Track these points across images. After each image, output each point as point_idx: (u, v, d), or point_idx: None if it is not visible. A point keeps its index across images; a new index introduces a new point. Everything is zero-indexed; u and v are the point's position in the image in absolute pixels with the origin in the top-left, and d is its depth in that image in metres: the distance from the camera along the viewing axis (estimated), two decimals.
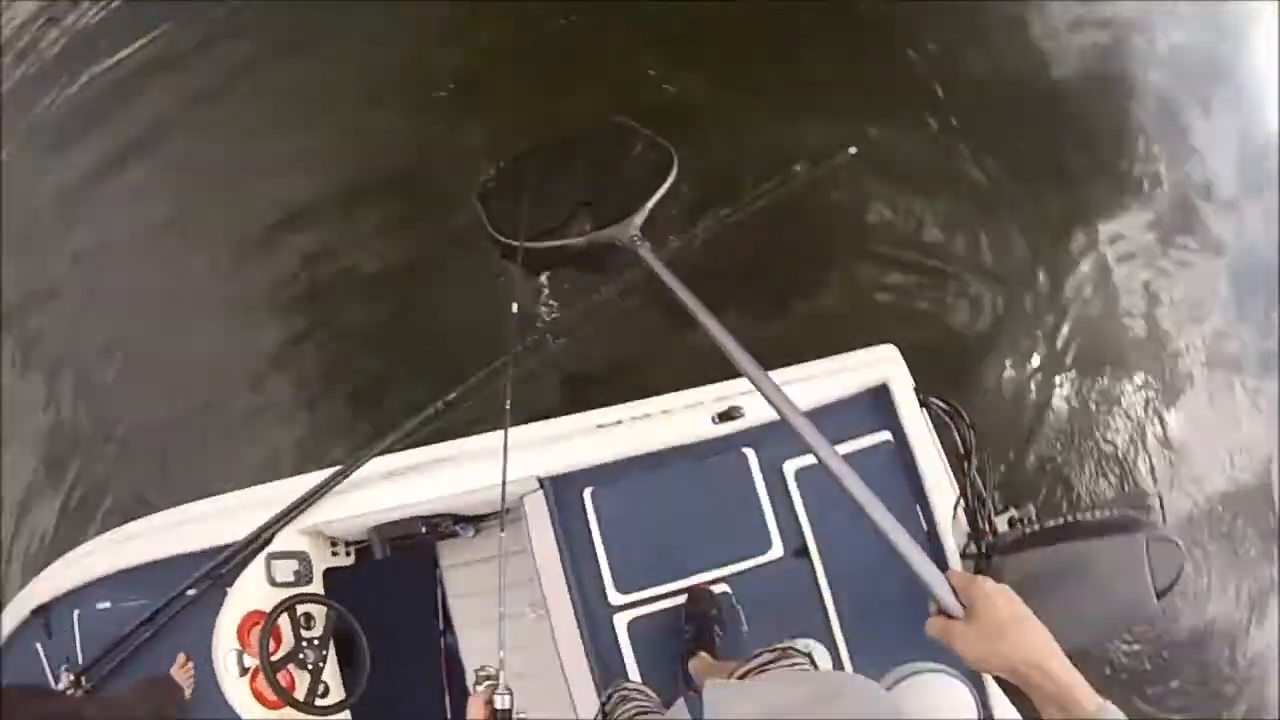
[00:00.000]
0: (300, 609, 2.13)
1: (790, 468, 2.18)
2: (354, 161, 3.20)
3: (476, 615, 2.35)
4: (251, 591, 2.05)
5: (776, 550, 2.15)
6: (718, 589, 2.11)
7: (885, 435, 2.24)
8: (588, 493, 2.11)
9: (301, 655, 2.11)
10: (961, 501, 2.24)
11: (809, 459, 2.20)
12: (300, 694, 2.04)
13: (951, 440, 2.28)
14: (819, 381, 2.22)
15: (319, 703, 2.09)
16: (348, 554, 2.35)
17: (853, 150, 2.94)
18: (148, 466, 2.93)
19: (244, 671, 1.98)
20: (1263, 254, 4.01)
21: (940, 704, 1.71)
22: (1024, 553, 2.10)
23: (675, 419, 2.15)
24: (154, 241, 3.15)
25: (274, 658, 2.00)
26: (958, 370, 3.35)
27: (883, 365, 2.27)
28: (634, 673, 2.06)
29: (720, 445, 2.16)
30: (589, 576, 2.08)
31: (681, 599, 2.10)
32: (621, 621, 2.08)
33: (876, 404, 2.26)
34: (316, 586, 2.20)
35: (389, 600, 2.33)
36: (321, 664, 2.15)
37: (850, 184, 3.22)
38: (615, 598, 2.08)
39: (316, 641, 2.16)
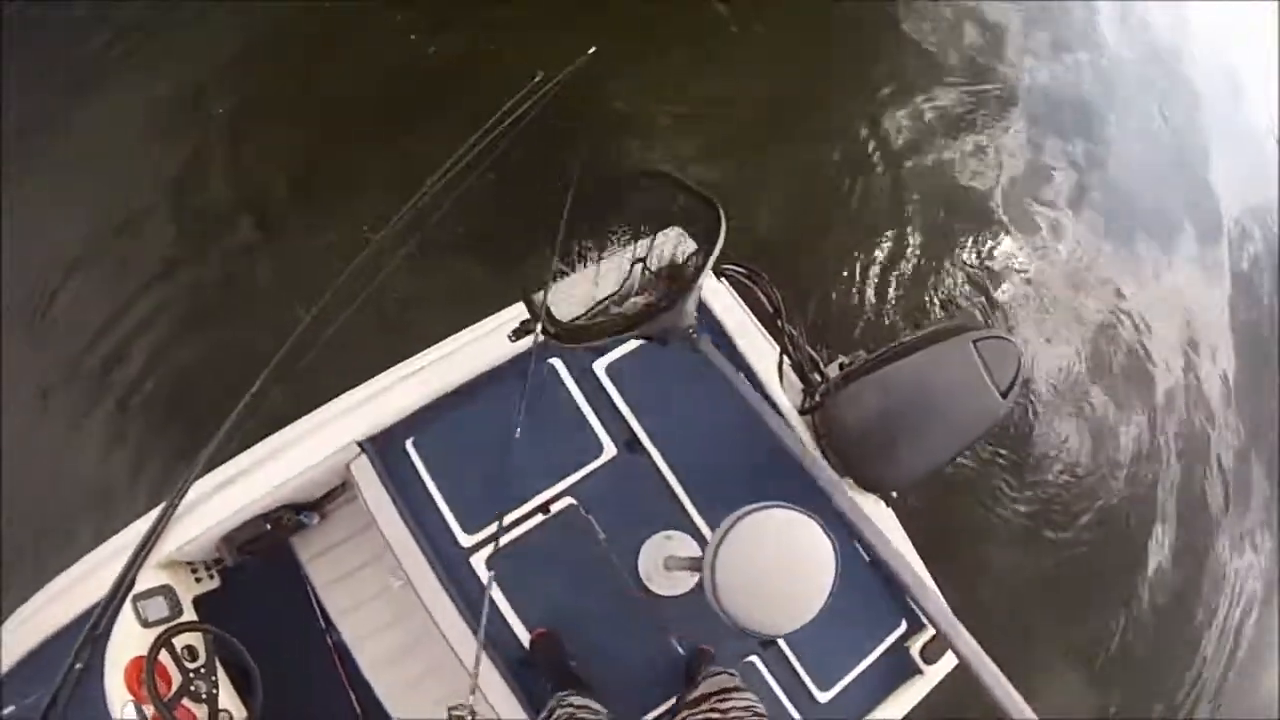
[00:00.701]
0: (179, 643, 2.08)
1: (600, 366, 2.19)
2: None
3: (349, 599, 2.33)
4: (128, 639, 1.99)
5: (609, 450, 2.16)
6: (561, 504, 2.12)
7: None
8: (409, 443, 2.09)
9: (193, 688, 2.06)
10: (785, 359, 2.26)
11: (616, 354, 2.21)
12: None
13: (757, 301, 2.31)
14: (608, 273, 2.21)
15: None
16: (211, 577, 2.31)
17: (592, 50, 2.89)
18: None
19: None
20: None
21: (793, 535, 1.67)
22: (853, 384, 2.13)
23: (475, 348, 2.14)
24: None
25: (167, 698, 1.96)
26: None
27: (667, 245, 2.27)
28: (505, 607, 2.06)
29: (525, 362, 2.15)
30: (434, 526, 2.07)
31: (534, 520, 2.10)
32: (479, 561, 2.07)
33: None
34: (189, 617, 2.17)
35: (263, 609, 2.30)
36: (215, 691, 2.10)
37: None
38: (465, 539, 2.07)
39: (203, 669, 2.11)
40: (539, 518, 2.10)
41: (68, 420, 3.07)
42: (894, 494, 2.24)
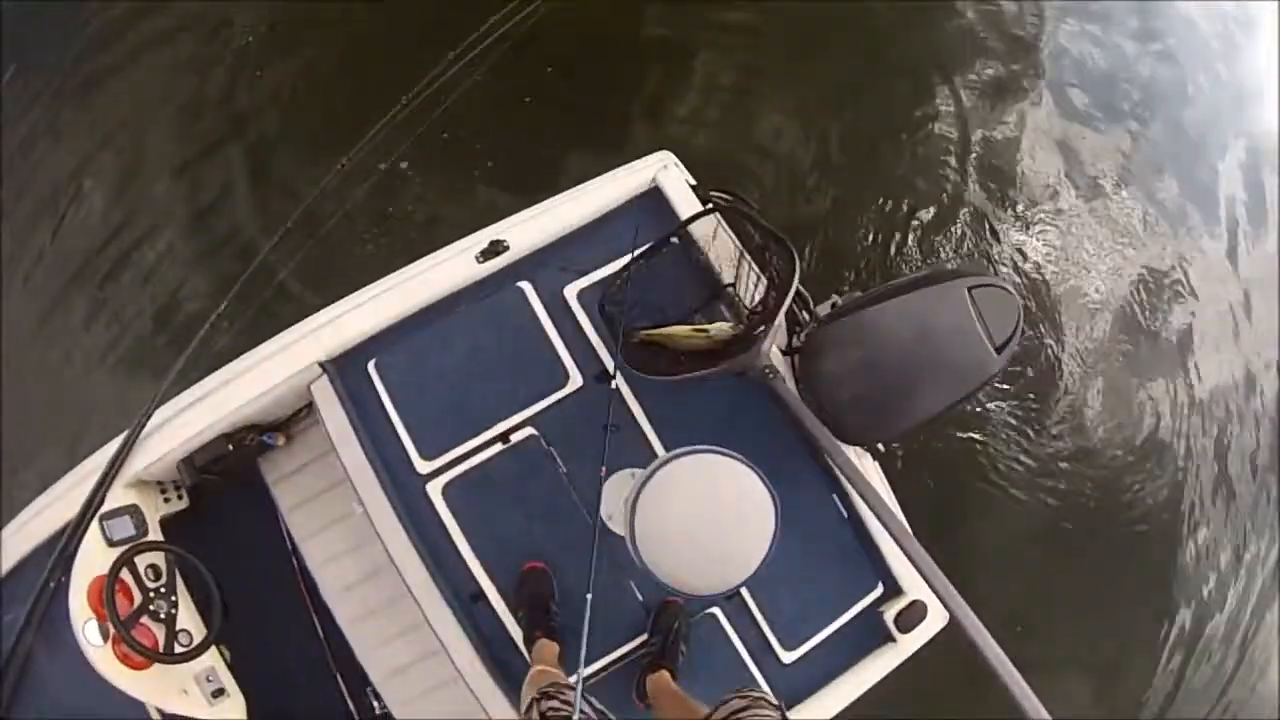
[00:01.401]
0: (142, 562, 2.08)
1: (571, 293, 2.09)
2: None
3: (315, 523, 2.30)
4: (94, 557, 2.00)
5: (576, 380, 2.07)
6: (521, 435, 2.04)
7: (670, 240, 2.13)
8: (371, 365, 2.03)
9: (152, 607, 2.06)
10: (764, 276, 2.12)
11: (588, 280, 2.11)
12: (161, 646, 2.01)
13: (744, 230, 2.16)
14: (585, 195, 2.11)
15: (179, 649, 2.06)
16: (180, 498, 2.30)
17: None
18: None
19: (106, 638, 1.95)
20: None
21: (727, 484, 1.56)
22: (834, 324, 1.99)
23: (442, 268, 2.06)
24: None
25: (125, 617, 1.96)
26: None
27: (651, 168, 2.15)
28: (459, 539, 2.00)
29: (493, 285, 2.07)
30: (392, 452, 2.02)
31: (493, 449, 2.03)
32: (435, 489, 2.02)
33: (655, 209, 2.15)
34: (155, 537, 2.17)
35: (231, 531, 2.30)
36: (174, 611, 2.11)
37: None
38: (422, 465, 2.02)
39: (164, 589, 2.12)
40: (498, 447, 2.03)
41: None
42: (877, 446, 2.11)
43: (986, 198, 3.99)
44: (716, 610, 2.07)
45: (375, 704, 2.27)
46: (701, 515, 1.48)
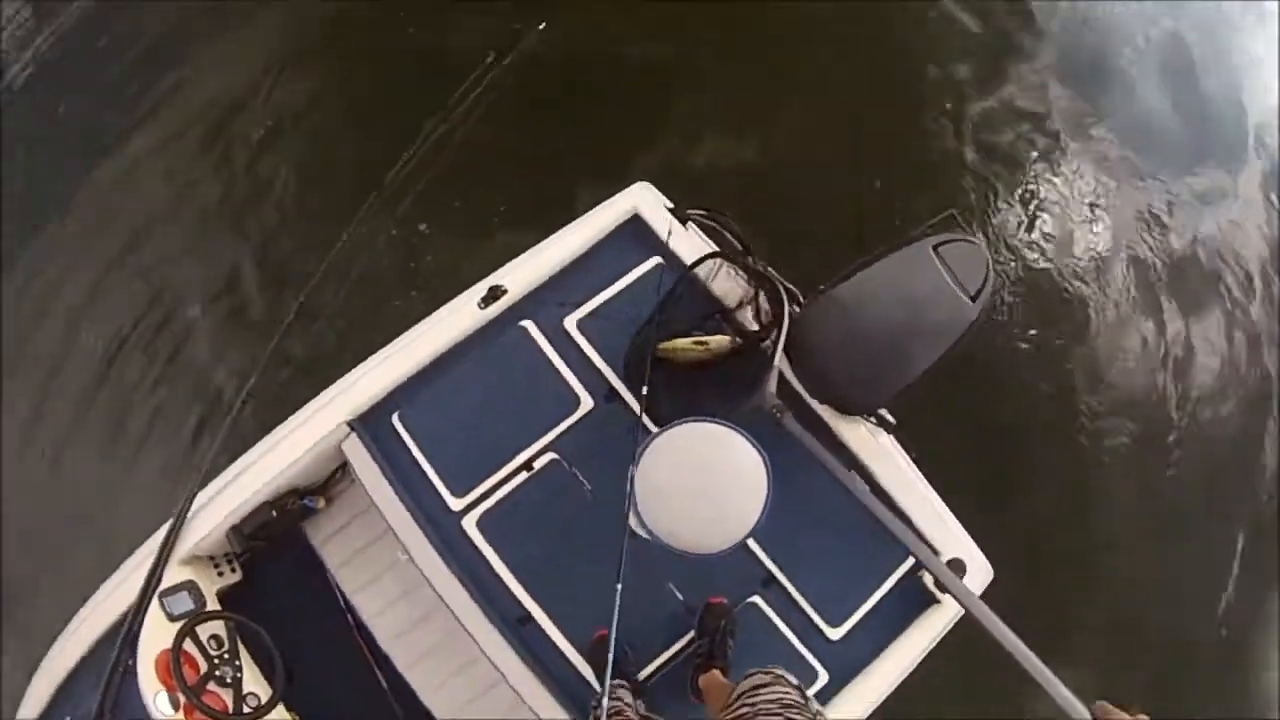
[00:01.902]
0: (205, 633, 2.19)
1: (571, 323, 2.21)
2: None
3: (363, 577, 2.40)
4: (156, 634, 2.11)
5: (587, 403, 2.18)
6: (544, 460, 2.14)
7: (655, 260, 2.25)
8: (395, 418, 2.15)
9: (218, 673, 2.17)
10: (760, 294, 2.23)
11: (585, 310, 2.23)
12: (231, 709, 2.11)
13: (727, 242, 2.29)
14: (571, 234, 2.24)
15: (247, 709, 2.15)
16: (233, 570, 2.41)
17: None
18: None
19: (176, 708, 2.06)
20: None
21: (717, 447, 1.66)
22: (813, 304, 2.08)
23: (448, 320, 2.19)
24: None
25: (192, 685, 2.07)
26: None
27: (630, 198, 2.29)
28: (498, 565, 2.09)
29: (498, 327, 2.20)
30: (426, 495, 2.12)
31: (519, 479, 2.14)
32: (470, 523, 2.12)
33: (635, 233, 2.28)
34: (213, 609, 2.28)
35: (285, 595, 2.40)
36: (239, 675, 2.21)
37: None
38: (455, 503, 2.12)
39: (227, 655, 2.23)
40: (523, 475, 2.13)
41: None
42: (884, 416, 2.19)
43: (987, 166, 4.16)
44: (757, 599, 2.13)
45: None
46: (696, 477, 1.58)
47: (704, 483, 1.61)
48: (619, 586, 1.57)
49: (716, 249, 2.26)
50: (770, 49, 4.10)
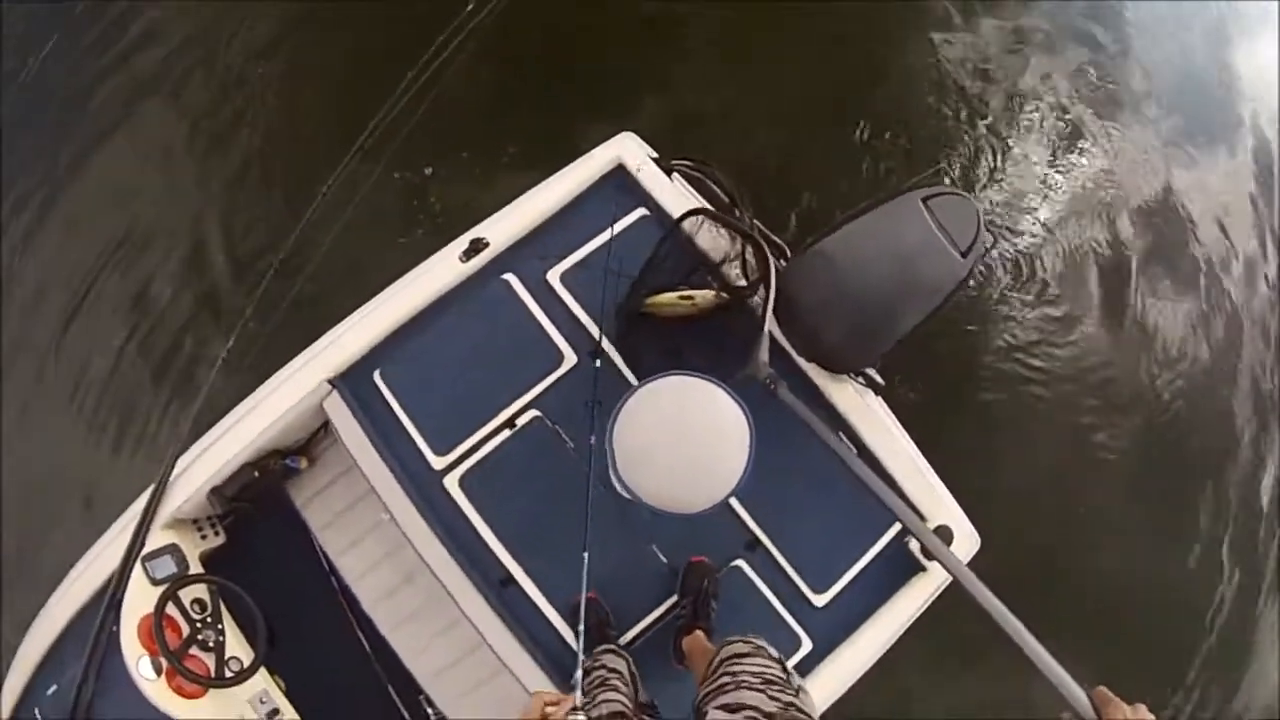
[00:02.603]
0: (187, 597, 2.17)
1: (554, 276, 2.17)
2: None
3: (347, 538, 2.38)
4: (141, 598, 2.09)
5: (570, 358, 2.14)
6: (526, 418, 2.10)
7: (641, 211, 2.21)
8: (377, 374, 2.12)
9: (200, 637, 2.15)
10: (748, 249, 2.18)
11: (568, 263, 2.19)
12: (213, 673, 2.10)
13: (712, 192, 2.24)
14: (555, 185, 2.20)
15: (229, 674, 2.14)
16: (216, 533, 2.39)
17: None
18: None
19: (159, 672, 2.04)
20: None
21: (695, 399, 1.62)
22: (800, 257, 2.03)
23: (429, 274, 2.15)
24: None
25: (175, 649, 2.05)
26: None
27: (614, 148, 2.24)
28: (482, 527, 2.06)
29: (480, 281, 2.16)
30: (408, 453, 2.10)
31: (501, 436, 2.10)
32: (452, 482, 2.09)
33: (620, 185, 2.24)
34: (197, 572, 2.26)
35: (269, 558, 2.38)
36: (221, 639, 2.19)
37: None
38: (437, 462, 2.09)
39: (210, 619, 2.21)
40: (506, 433, 2.10)
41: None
42: (872, 376, 2.14)
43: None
44: (741, 562, 2.10)
45: (429, 710, 2.32)
46: (678, 433, 1.52)
47: (684, 438, 1.56)
48: (585, 555, 1.52)
49: (702, 202, 2.21)
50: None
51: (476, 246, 2.11)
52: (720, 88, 3.84)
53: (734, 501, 2.10)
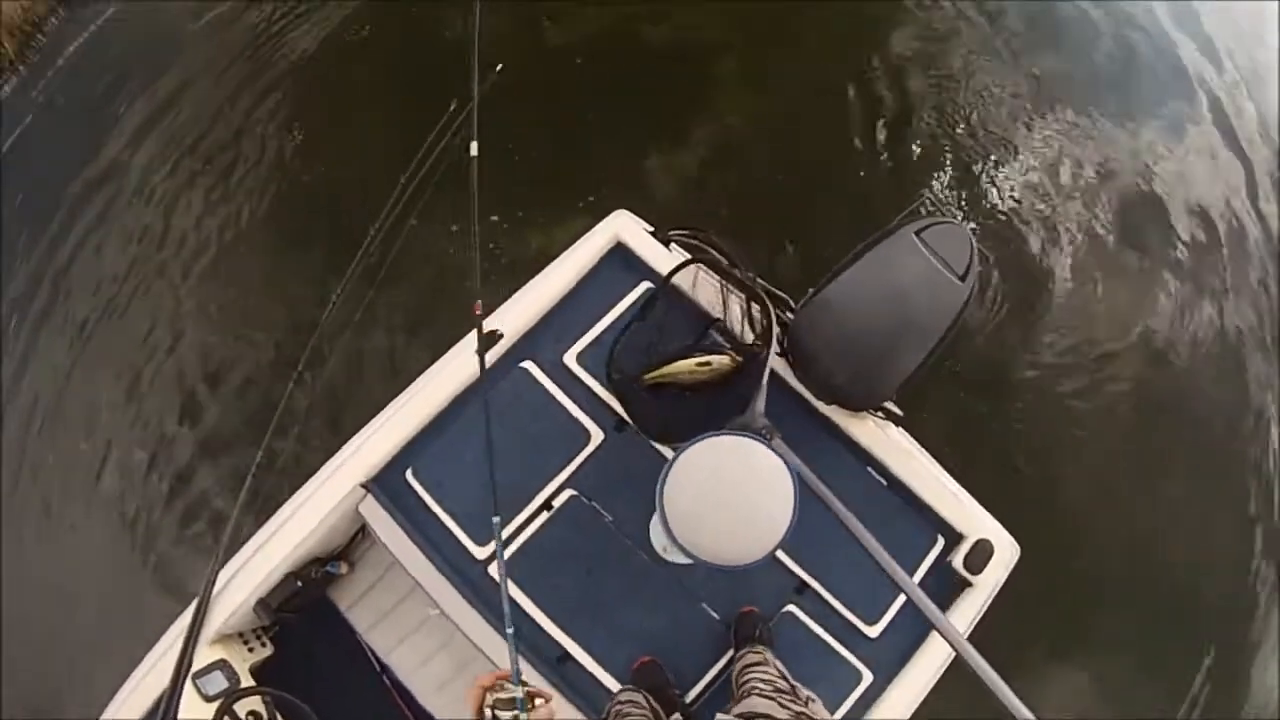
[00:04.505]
0: (243, 711, 2.17)
1: (570, 358, 2.22)
2: None
3: (393, 637, 2.40)
4: (194, 716, 2.10)
5: (598, 435, 2.18)
6: (563, 498, 2.14)
7: (644, 285, 2.27)
8: (408, 474, 2.16)
9: None
10: (753, 305, 2.25)
11: (583, 343, 2.25)
12: None
13: (714, 260, 2.30)
14: (558, 270, 2.26)
15: None
16: (264, 645, 2.40)
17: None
18: None
19: None
20: None
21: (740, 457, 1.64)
22: (805, 309, 2.09)
23: (448, 371, 2.20)
24: None
25: None
26: None
27: (611, 227, 2.31)
28: (530, 608, 2.08)
29: (499, 372, 2.20)
30: (449, 546, 2.12)
31: (540, 519, 2.14)
32: (495, 570, 2.11)
33: (625, 262, 2.30)
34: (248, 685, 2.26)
35: (318, 665, 2.39)
36: None
37: None
38: (479, 551, 2.12)
39: None
40: (544, 515, 2.13)
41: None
42: (890, 409, 2.20)
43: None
44: (792, 607, 2.14)
45: None
46: (724, 491, 1.56)
47: (732, 495, 1.59)
48: (510, 631, 1.61)
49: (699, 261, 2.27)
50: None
51: (491, 339, 2.16)
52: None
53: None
